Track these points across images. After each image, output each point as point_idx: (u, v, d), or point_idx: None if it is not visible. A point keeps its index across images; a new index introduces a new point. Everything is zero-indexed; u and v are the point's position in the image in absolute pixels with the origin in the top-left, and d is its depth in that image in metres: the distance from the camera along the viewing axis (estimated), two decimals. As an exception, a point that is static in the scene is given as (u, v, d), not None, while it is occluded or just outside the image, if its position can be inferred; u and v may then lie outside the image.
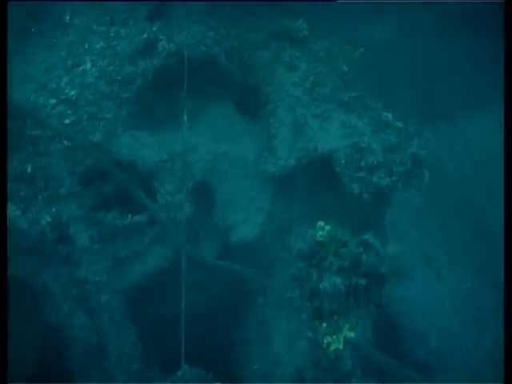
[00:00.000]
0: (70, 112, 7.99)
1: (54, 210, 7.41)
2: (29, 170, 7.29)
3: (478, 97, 12.85)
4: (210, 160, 8.35)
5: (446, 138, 13.57)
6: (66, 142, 7.58)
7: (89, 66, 8.21)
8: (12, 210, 6.94)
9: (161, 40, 8.27)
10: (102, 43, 8.32)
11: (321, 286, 6.11)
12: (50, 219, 7.31)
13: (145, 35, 8.24)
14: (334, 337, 6.08)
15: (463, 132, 13.64)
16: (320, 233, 6.05)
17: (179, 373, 7.18)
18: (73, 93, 8.05)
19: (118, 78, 8.14)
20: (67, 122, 7.93)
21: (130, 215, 7.83)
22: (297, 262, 6.32)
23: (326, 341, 6.17)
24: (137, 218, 7.87)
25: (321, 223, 6.14)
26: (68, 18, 8.39)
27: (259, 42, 9.24)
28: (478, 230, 11.50)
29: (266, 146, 8.55)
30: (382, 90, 10.15)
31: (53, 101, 7.99)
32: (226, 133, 8.68)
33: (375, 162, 7.85)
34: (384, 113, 8.66)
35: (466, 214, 11.52)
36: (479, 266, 11.15)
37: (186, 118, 7.74)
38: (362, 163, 7.89)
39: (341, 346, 6.10)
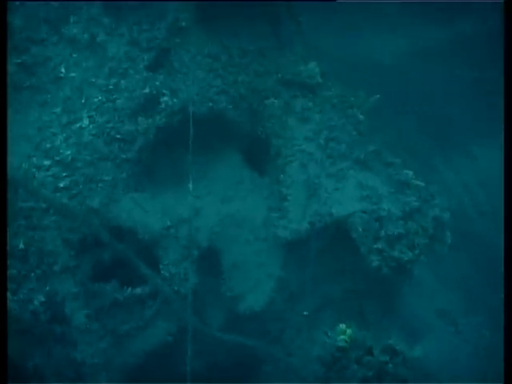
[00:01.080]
0: (65, 174, 7.40)
1: (48, 288, 6.82)
2: (21, 245, 6.68)
3: (491, 127, 12.23)
4: (217, 223, 7.76)
5: (461, 170, 12.98)
6: (60, 213, 6.89)
7: (86, 122, 7.58)
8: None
9: (164, 95, 7.62)
10: (100, 97, 7.68)
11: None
12: (43, 298, 6.72)
13: (147, 89, 7.61)
14: None
15: (477, 164, 13.07)
16: (341, 337, 5.46)
17: None
18: (68, 153, 7.45)
19: (118, 136, 7.52)
20: (62, 185, 7.34)
21: (130, 287, 7.23)
22: (315, 367, 5.73)
23: None
24: (138, 290, 7.29)
25: (342, 326, 5.57)
26: (63, 70, 7.73)
27: (269, 90, 8.59)
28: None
29: (277, 206, 7.98)
30: (397, 130, 9.56)
31: (47, 162, 7.39)
32: (234, 191, 8.10)
33: (395, 233, 7.25)
34: (403, 170, 8.06)
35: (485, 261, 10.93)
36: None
37: (191, 185, 7.10)
38: (382, 233, 7.30)
39: None
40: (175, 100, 7.61)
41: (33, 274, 6.82)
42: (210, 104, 7.64)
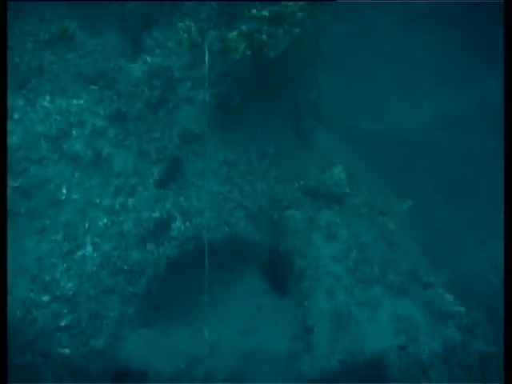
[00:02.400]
0: (66, 311, 6.58)
1: None
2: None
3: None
4: (236, 359, 6.89)
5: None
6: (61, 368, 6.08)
7: (89, 250, 6.79)
8: None
9: (175, 219, 6.83)
10: (105, 220, 6.92)
11: None
12: None
13: (156, 213, 6.82)
14: None
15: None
16: None
17: None
18: (70, 286, 6.65)
19: (125, 267, 6.70)
20: (63, 324, 6.51)
21: None
22: None
23: None
24: None
25: None
26: (64, 192, 6.97)
27: (290, 199, 7.79)
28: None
29: (301, 334, 7.10)
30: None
31: (46, 298, 6.61)
32: (254, 319, 7.24)
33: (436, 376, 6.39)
34: (442, 295, 7.20)
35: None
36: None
37: (206, 332, 6.28)
38: (423, 379, 6.42)
39: None
40: (188, 224, 6.81)
41: None
42: (227, 229, 6.84)
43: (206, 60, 7.26)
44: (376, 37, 13.19)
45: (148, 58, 7.76)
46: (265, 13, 7.10)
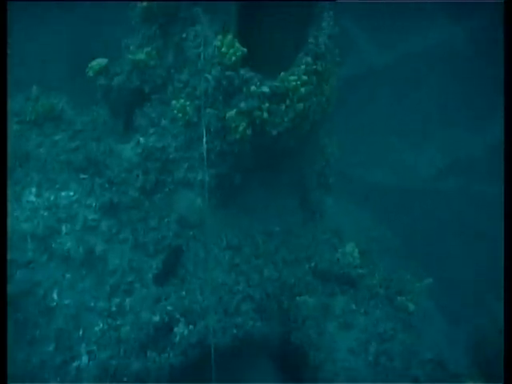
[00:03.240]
0: (60, 432, 5.93)
1: None
2: None
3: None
4: None
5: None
6: None
7: (85, 360, 6.16)
8: None
9: (177, 322, 6.23)
10: (101, 324, 6.30)
11: None
12: None
13: (157, 317, 6.22)
14: None
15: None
16: None
17: None
18: (63, 403, 6.01)
19: (125, 379, 6.08)
20: None
21: None
22: None
23: None
24: None
25: None
26: (55, 297, 6.37)
27: (301, 284, 7.20)
28: None
29: None
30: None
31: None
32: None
33: None
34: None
35: None
36: None
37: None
38: None
39: None
40: (191, 327, 6.20)
41: None
42: (234, 331, 6.23)
43: (204, 141, 6.71)
44: (377, 79, 12.71)
45: (141, 139, 7.25)
46: (265, 89, 6.54)
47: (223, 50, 6.58)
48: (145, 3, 6.93)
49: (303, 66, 6.67)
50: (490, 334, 7.63)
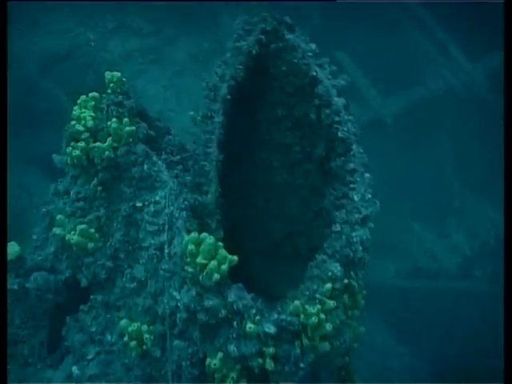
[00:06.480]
0: None
1: None
2: None
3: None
4: None
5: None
6: None
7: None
8: None
9: None
10: None
11: None
12: None
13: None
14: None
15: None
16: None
17: None
18: None
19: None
20: None
21: None
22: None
23: None
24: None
25: None
26: None
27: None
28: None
29: None
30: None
31: None
32: None
33: None
34: None
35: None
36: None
37: None
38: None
39: None
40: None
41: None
42: None
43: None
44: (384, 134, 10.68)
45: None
46: (269, 329, 3.84)
47: (199, 260, 3.81)
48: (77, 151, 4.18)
49: (329, 284, 3.95)
50: None
